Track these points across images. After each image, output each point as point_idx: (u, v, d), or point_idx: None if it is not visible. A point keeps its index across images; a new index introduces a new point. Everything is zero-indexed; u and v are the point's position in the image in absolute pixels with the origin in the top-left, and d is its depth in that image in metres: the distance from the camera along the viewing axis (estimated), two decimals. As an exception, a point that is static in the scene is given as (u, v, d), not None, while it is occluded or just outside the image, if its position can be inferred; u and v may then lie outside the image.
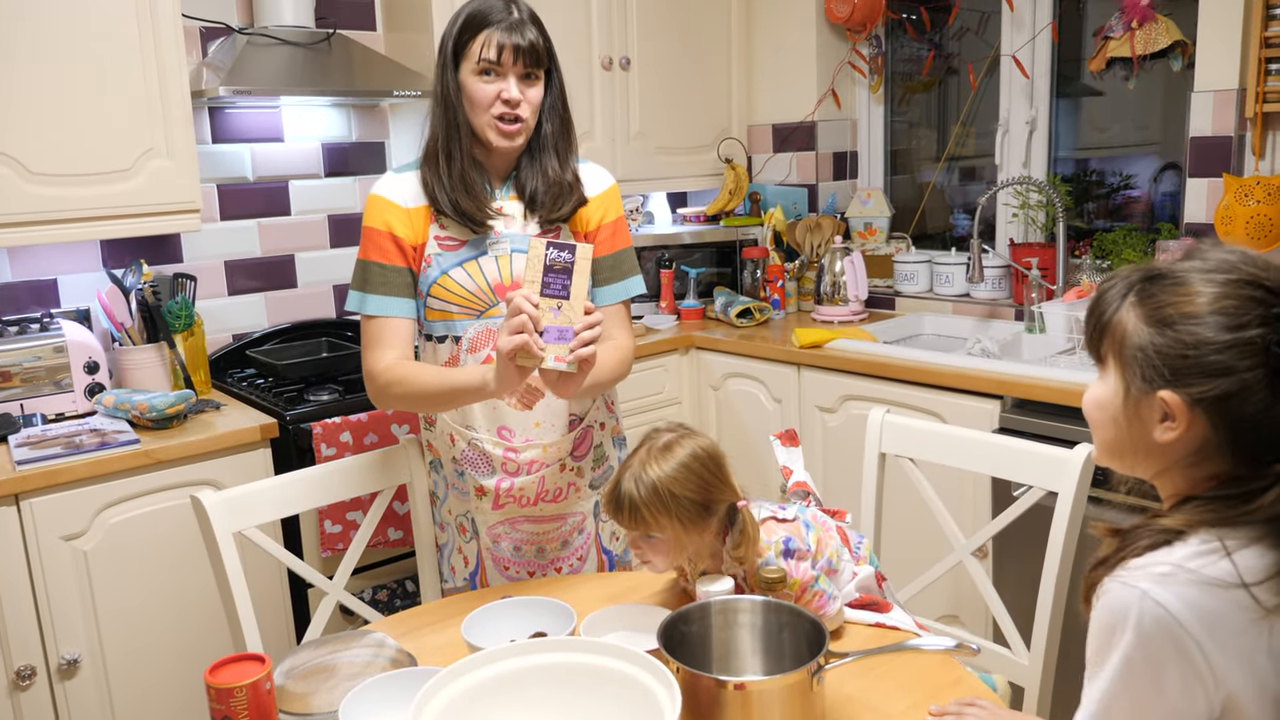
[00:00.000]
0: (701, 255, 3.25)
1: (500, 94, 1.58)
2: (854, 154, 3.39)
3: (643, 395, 2.89)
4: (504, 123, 1.59)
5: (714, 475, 1.36)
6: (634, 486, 1.34)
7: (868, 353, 2.56)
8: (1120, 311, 1.00)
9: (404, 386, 1.59)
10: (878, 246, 3.22)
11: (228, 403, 2.36)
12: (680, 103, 3.23)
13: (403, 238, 1.63)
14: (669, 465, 1.34)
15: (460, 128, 1.60)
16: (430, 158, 1.63)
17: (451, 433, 1.71)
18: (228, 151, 2.66)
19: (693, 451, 1.36)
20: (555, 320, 1.40)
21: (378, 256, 1.63)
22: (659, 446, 1.37)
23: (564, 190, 1.65)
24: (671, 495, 1.33)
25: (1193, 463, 0.98)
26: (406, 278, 1.64)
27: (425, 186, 1.63)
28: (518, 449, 1.67)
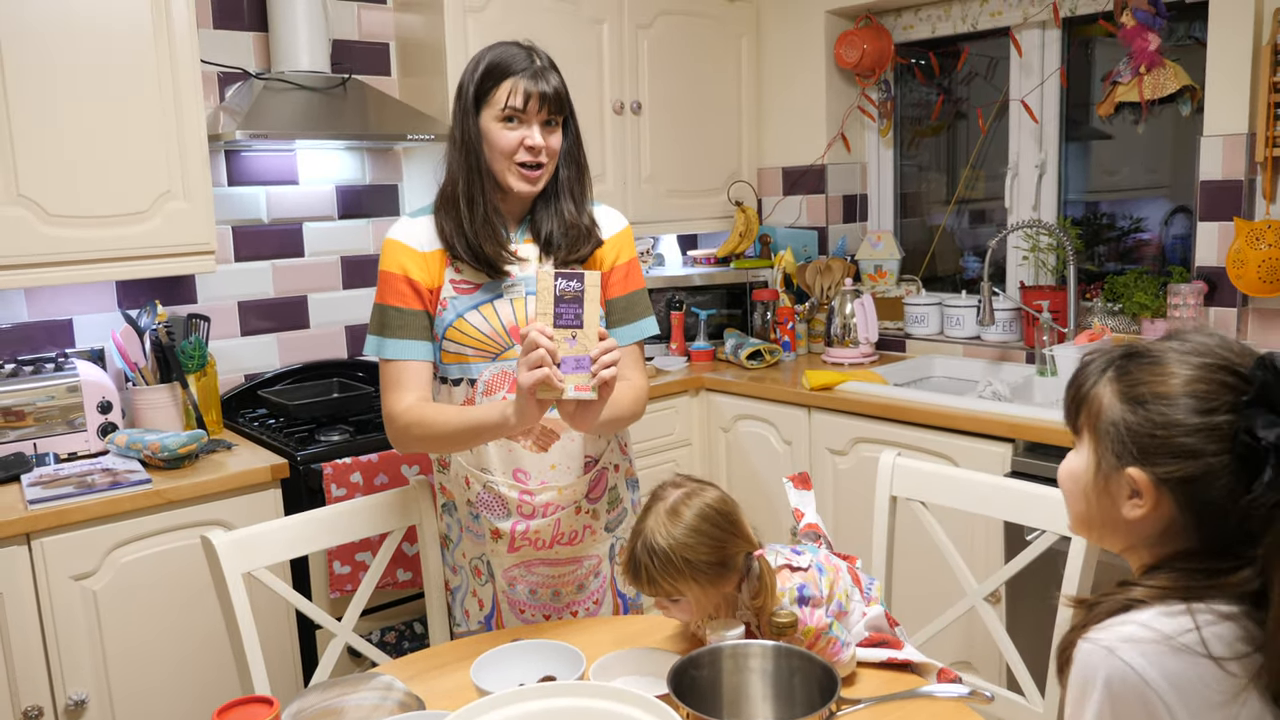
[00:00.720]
0: (712, 297, 3.26)
1: (524, 141, 1.59)
2: (864, 197, 3.42)
3: (653, 437, 2.89)
4: (526, 169, 1.61)
5: (727, 531, 1.35)
6: (647, 557, 1.33)
7: (878, 395, 2.56)
8: (1098, 386, 1.01)
9: (424, 427, 1.59)
10: (888, 289, 3.23)
11: (239, 443, 2.37)
12: (691, 146, 3.26)
13: (419, 281, 1.64)
14: (679, 530, 1.33)
15: (482, 173, 1.61)
16: (449, 203, 1.64)
17: (467, 475, 1.71)
18: (243, 194, 2.69)
19: (701, 511, 1.34)
20: (571, 350, 1.40)
21: (395, 300, 1.64)
22: (666, 509, 1.35)
23: (581, 234, 1.67)
24: (686, 561, 1.32)
25: (1160, 541, 0.98)
26: (424, 321, 1.65)
27: (441, 232, 1.64)
28: (533, 491, 1.67)
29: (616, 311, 1.72)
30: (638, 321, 1.74)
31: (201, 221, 2.28)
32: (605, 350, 1.41)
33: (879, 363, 2.99)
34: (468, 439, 1.57)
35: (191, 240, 2.28)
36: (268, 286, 2.75)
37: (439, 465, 1.79)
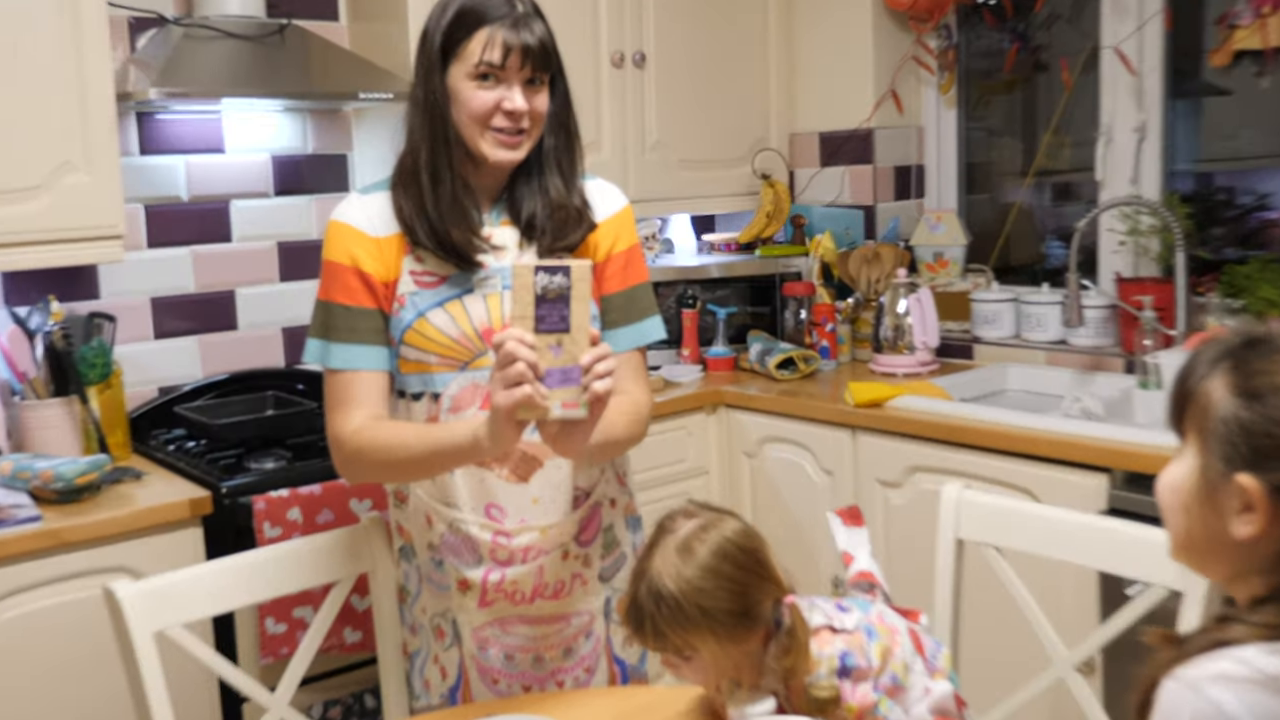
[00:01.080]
0: (733, 292, 3.25)
1: (501, 103, 1.60)
2: (920, 168, 3.40)
3: (660, 465, 2.87)
4: (505, 134, 1.61)
5: (751, 572, 1.34)
6: (653, 604, 1.32)
7: (940, 413, 2.55)
8: (1209, 379, 1.01)
9: (377, 453, 1.59)
10: (951, 282, 3.22)
11: (151, 471, 2.36)
12: (707, 106, 3.26)
13: (371, 273, 1.64)
14: (692, 570, 1.32)
15: (449, 141, 1.62)
16: (408, 177, 1.64)
17: (428, 512, 1.70)
18: (158, 165, 2.69)
19: (718, 546, 1.33)
20: (557, 360, 1.39)
21: (342, 297, 1.64)
22: (677, 545, 1.34)
23: (570, 215, 1.67)
24: (700, 610, 1.30)
25: (1274, 567, 0.98)
26: (377, 321, 1.65)
27: (399, 212, 1.64)
28: (510, 532, 1.66)
29: (614, 310, 1.72)
30: (639, 323, 1.74)
31: (106, 199, 2.27)
32: (598, 357, 1.41)
33: (940, 373, 2.98)
34: (430, 466, 1.56)
35: (94, 222, 2.27)
36: (187, 279, 2.74)
37: (395, 499, 1.78)
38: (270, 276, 2.86)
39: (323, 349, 1.65)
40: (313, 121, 2.89)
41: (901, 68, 3.30)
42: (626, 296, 1.73)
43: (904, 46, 3.30)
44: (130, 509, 2.12)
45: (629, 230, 1.75)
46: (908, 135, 3.36)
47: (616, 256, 1.73)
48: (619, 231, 1.73)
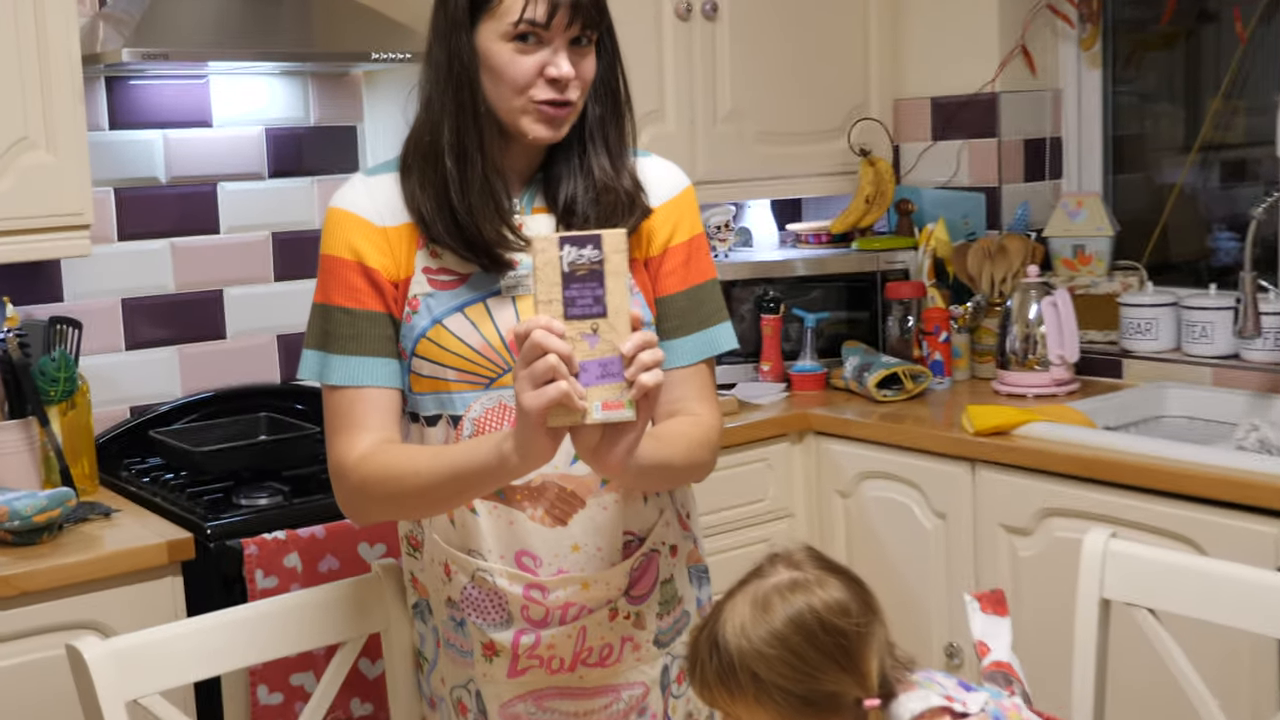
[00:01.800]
0: (824, 294, 3.23)
1: (545, 69, 1.60)
2: (1056, 141, 3.37)
3: (733, 504, 2.87)
4: (550, 107, 1.62)
5: (828, 656, 1.34)
6: (708, 651, 1.35)
7: (1080, 444, 2.53)
8: None
9: (385, 483, 1.59)
10: (1094, 282, 3.19)
11: (123, 507, 2.39)
12: (793, 66, 3.25)
13: (378, 270, 1.65)
14: (759, 631, 1.33)
15: (478, 115, 1.62)
16: (425, 159, 1.65)
17: (446, 561, 1.70)
18: (132, 141, 2.73)
19: (799, 614, 1.34)
20: (593, 350, 1.39)
21: (343, 299, 1.66)
22: (757, 596, 1.36)
23: (619, 200, 1.67)
24: (753, 678, 1.32)
25: None
26: (385, 328, 1.66)
27: (411, 201, 1.66)
28: (546, 585, 1.66)
29: (674, 316, 1.73)
30: (705, 330, 1.74)
31: (70, 181, 2.31)
32: (642, 344, 1.40)
33: (1080, 394, 2.95)
34: (449, 495, 1.57)
35: (55, 209, 2.31)
36: (165, 277, 2.78)
37: (408, 545, 1.79)
38: (264, 274, 2.89)
39: (321, 362, 1.66)
40: (316, 88, 2.92)
41: (1034, 18, 3.27)
42: (689, 298, 1.73)
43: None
44: (98, 553, 2.14)
45: (691, 217, 1.75)
46: (1041, 101, 3.33)
47: (676, 249, 1.73)
48: (679, 218, 1.74)
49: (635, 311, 1.41)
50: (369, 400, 1.64)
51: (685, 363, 1.72)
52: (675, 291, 1.72)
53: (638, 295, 1.69)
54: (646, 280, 1.72)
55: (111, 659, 1.61)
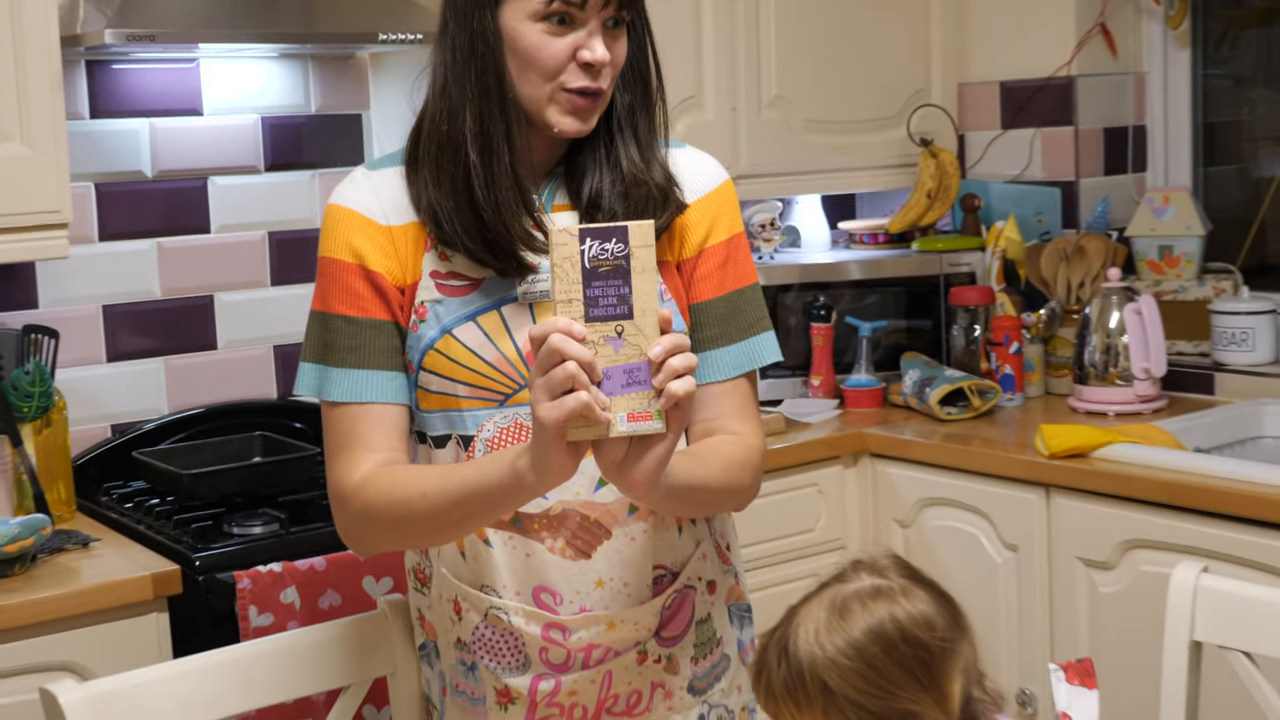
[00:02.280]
0: (881, 300, 3.24)
1: (577, 52, 1.61)
2: (1140, 130, 3.37)
3: (780, 534, 2.87)
4: (580, 97, 1.63)
5: (908, 672, 1.33)
6: (776, 657, 1.35)
7: (1167, 467, 2.53)
8: None
9: (390, 508, 1.60)
10: (1183, 287, 3.19)
11: (103, 536, 2.40)
12: (845, 48, 3.26)
13: (381, 274, 1.67)
14: (835, 640, 1.33)
15: (505, 102, 1.63)
16: (441, 151, 1.65)
17: (457, 598, 1.70)
18: (115, 131, 2.76)
19: (880, 625, 1.34)
20: (617, 356, 1.38)
21: (344, 306, 1.67)
22: (839, 601, 1.36)
23: (648, 195, 1.67)
24: (823, 689, 1.32)
25: None
26: (390, 338, 1.68)
27: (419, 200, 1.67)
28: (567, 625, 1.66)
29: (711, 324, 1.73)
30: (746, 340, 1.74)
31: (47, 176, 2.33)
32: (672, 349, 1.40)
33: (1167, 412, 2.95)
34: (459, 519, 1.57)
35: (30, 207, 2.33)
36: (151, 281, 2.81)
37: (415, 579, 1.80)
38: (260, 278, 2.92)
39: (320, 376, 1.67)
40: (317, 72, 2.95)
41: (1115, -8, 3.28)
42: (727, 304, 1.73)
43: (1118, -37, 3.29)
44: (75, 587, 2.16)
45: (731, 214, 1.76)
46: (1123, 86, 3.33)
47: (713, 250, 1.73)
48: (716, 215, 1.74)
49: (664, 311, 1.41)
50: (372, 418, 1.65)
51: (723, 377, 1.71)
52: (712, 297, 1.72)
53: (669, 302, 1.69)
54: (679, 285, 1.72)
55: (89, 705, 1.61)
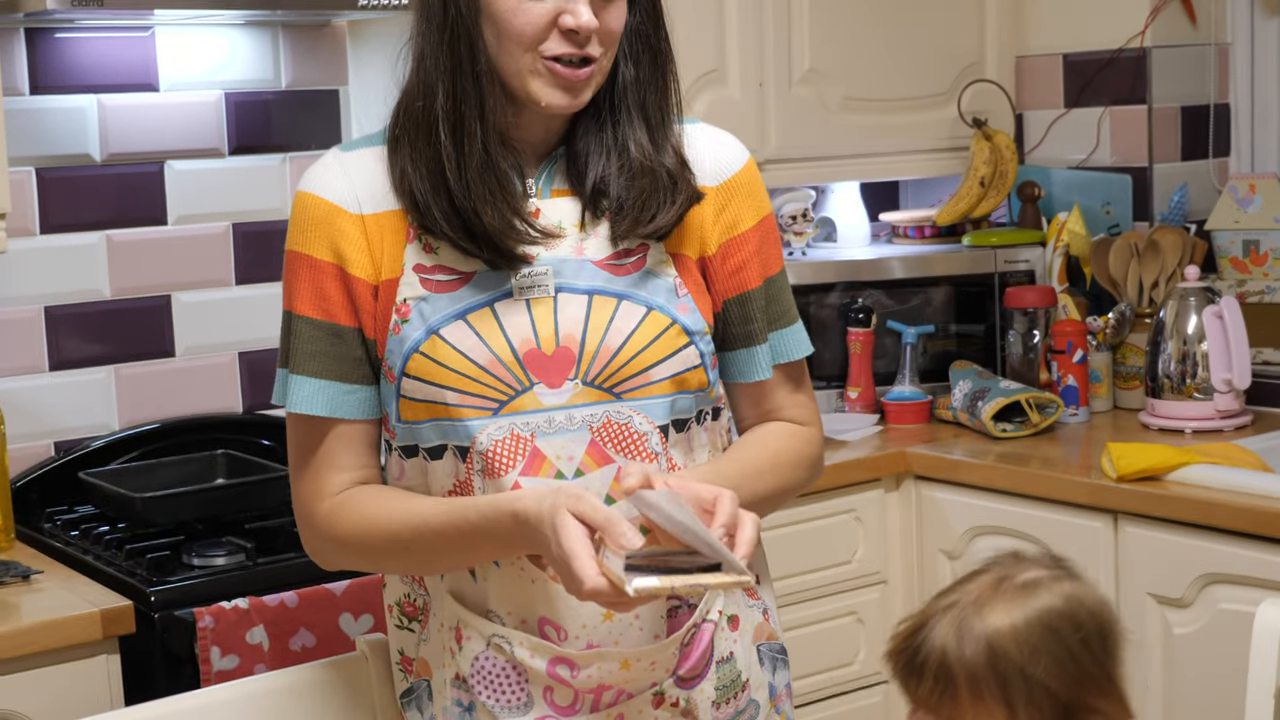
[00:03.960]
0: (926, 301, 3.24)
1: (559, 18, 1.62)
2: (1223, 109, 3.36)
3: (814, 566, 2.87)
4: (565, 65, 1.63)
5: (1098, 663, 1.41)
6: (952, 637, 1.39)
7: (1251, 492, 2.52)
8: None
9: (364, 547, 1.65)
10: (1271, 288, 3.18)
11: (46, 568, 2.40)
12: (888, 16, 3.26)
13: (357, 274, 1.68)
14: (1022, 614, 1.39)
15: (480, 76, 1.64)
16: (416, 128, 1.67)
17: (459, 624, 1.71)
18: (58, 108, 2.75)
19: (1068, 605, 1.41)
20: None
21: (307, 307, 1.69)
22: (1016, 583, 1.42)
23: (658, 182, 1.69)
24: (1017, 671, 1.37)
25: None
26: (354, 348, 1.70)
27: (400, 180, 1.68)
28: (575, 661, 1.66)
29: (754, 317, 1.76)
30: (786, 329, 1.79)
31: (-17, 160, 2.34)
32: (729, 526, 1.49)
33: (1252, 429, 2.95)
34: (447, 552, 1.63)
35: (-38, 195, 2.34)
36: (100, 279, 2.80)
37: (400, 614, 1.79)
38: (222, 276, 2.91)
39: (282, 382, 1.72)
40: (289, 41, 2.94)
41: (1192, -47, 3.28)
42: (767, 293, 1.77)
43: (1197, -80, 3.28)
44: (14, 625, 2.15)
45: (757, 197, 1.78)
46: (1203, 59, 3.32)
47: (744, 238, 1.75)
48: (742, 202, 1.76)
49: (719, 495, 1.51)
50: (337, 434, 1.69)
51: (770, 371, 1.77)
52: (754, 287, 1.75)
53: (686, 299, 1.71)
54: (698, 278, 1.74)
55: (31, 756, 1.63)
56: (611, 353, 1.66)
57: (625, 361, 1.66)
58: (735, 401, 1.83)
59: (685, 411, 1.71)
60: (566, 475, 1.65)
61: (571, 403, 1.66)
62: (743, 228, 1.75)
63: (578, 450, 1.66)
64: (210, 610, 2.23)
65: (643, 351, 1.67)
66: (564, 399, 1.66)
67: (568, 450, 1.65)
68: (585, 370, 1.66)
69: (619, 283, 1.68)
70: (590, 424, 1.66)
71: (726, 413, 1.83)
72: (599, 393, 1.66)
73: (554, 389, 1.66)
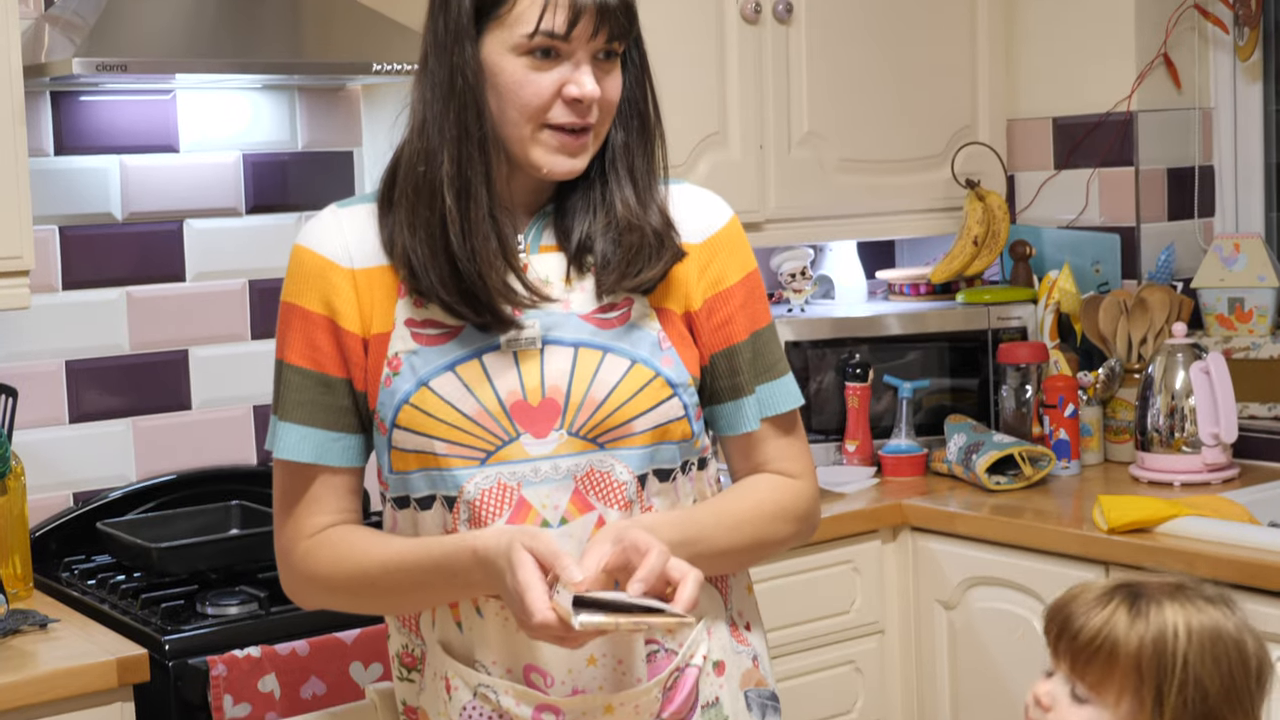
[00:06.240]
0: (922, 357, 3.23)
1: (563, 87, 1.63)
2: (1207, 171, 3.37)
3: (812, 616, 2.86)
4: (567, 133, 1.64)
5: (1246, 690, 1.47)
6: (1126, 615, 1.47)
7: (1239, 544, 2.51)
8: None
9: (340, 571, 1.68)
10: (1256, 344, 3.17)
11: (63, 616, 2.40)
12: (884, 80, 3.26)
13: (347, 328, 1.69)
14: (1198, 619, 1.47)
15: (485, 143, 1.65)
16: (420, 193, 1.66)
17: (446, 676, 1.70)
18: (81, 169, 2.76)
19: (1238, 631, 1.48)
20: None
21: (297, 357, 1.70)
22: (1196, 593, 1.50)
23: (644, 240, 1.69)
24: (1182, 659, 1.44)
25: None
26: (342, 397, 1.71)
27: (392, 245, 1.68)
28: (560, 708, 1.66)
29: (741, 370, 1.76)
30: (777, 380, 1.78)
31: (6, 219, 2.33)
32: (645, 581, 1.51)
33: (1239, 482, 2.94)
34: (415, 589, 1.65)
35: (-10, 252, 2.34)
36: (119, 334, 2.80)
37: (400, 665, 1.79)
38: (238, 331, 2.91)
39: (271, 428, 1.73)
40: (305, 105, 2.95)
41: (1179, 21, 3.27)
42: (753, 346, 1.77)
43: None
44: (32, 672, 2.14)
45: (742, 253, 1.78)
46: (1188, 123, 3.32)
47: (729, 293, 1.76)
48: (726, 259, 1.77)
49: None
50: (321, 480, 1.72)
51: (749, 428, 1.76)
52: (740, 340, 1.75)
53: (670, 352, 1.71)
54: (684, 332, 1.74)
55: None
56: (596, 404, 1.66)
57: (610, 412, 1.66)
58: (727, 454, 1.83)
59: (669, 461, 1.71)
60: (552, 524, 1.65)
61: (557, 452, 1.66)
62: (727, 283, 1.75)
63: (562, 499, 1.66)
64: (223, 659, 2.23)
65: (627, 403, 1.67)
66: (549, 449, 1.66)
67: (553, 499, 1.66)
68: (571, 421, 1.67)
69: (604, 335, 1.69)
70: (574, 473, 1.67)
71: (716, 464, 1.83)
72: (584, 443, 1.67)
73: (540, 439, 1.66)
